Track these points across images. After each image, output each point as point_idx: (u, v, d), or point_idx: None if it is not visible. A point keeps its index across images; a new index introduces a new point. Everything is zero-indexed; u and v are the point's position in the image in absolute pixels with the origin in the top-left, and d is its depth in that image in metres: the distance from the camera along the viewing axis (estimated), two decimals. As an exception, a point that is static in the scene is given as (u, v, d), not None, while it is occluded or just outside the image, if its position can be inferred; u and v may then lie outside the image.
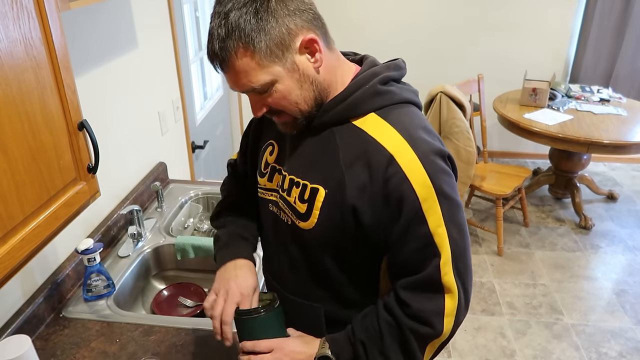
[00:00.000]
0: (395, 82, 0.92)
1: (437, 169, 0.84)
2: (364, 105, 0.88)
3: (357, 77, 0.90)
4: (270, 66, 0.82)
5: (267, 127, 1.07)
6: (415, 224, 0.84)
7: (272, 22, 0.79)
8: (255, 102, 0.88)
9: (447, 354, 2.42)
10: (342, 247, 0.92)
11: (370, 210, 0.85)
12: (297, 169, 0.94)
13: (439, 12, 3.88)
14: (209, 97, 2.81)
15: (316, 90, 0.87)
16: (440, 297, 0.87)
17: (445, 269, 0.85)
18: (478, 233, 3.36)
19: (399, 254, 0.88)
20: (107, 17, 1.58)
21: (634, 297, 2.78)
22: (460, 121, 2.75)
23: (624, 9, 3.69)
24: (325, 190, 0.88)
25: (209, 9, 2.72)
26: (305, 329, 1.02)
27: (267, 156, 1.03)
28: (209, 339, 1.25)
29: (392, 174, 0.82)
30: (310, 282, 1.00)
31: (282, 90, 0.84)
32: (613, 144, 2.93)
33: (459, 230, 0.87)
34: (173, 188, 2.01)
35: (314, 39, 0.83)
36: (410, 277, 0.87)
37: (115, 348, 1.24)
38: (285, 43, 0.81)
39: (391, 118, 0.87)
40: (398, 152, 0.83)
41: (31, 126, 0.82)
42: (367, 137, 0.86)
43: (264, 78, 0.82)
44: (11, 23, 0.76)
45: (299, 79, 0.84)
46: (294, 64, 0.83)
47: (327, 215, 0.89)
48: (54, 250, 1.40)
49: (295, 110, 0.88)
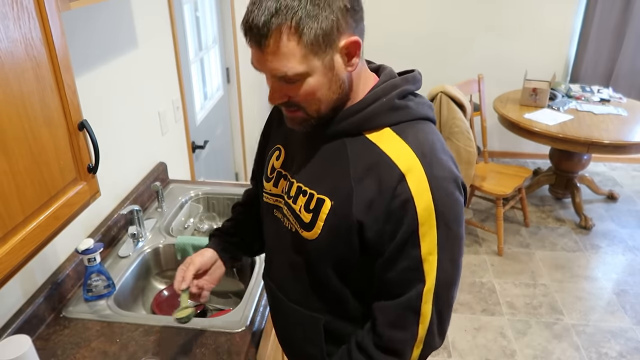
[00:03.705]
0: (413, 95, 0.90)
1: (444, 195, 0.81)
2: (380, 119, 0.86)
3: (375, 89, 0.87)
4: (311, 58, 0.78)
5: (275, 131, 1.06)
6: (408, 245, 0.82)
7: (328, 12, 0.75)
8: (277, 89, 0.83)
9: (447, 354, 2.42)
10: (343, 260, 0.90)
11: (375, 226, 0.83)
12: (306, 176, 0.92)
13: (440, 12, 3.88)
14: (209, 97, 2.81)
15: (341, 94, 0.84)
16: (414, 325, 0.85)
17: (427, 297, 0.83)
18: (478, 233, 3.35)
19: (386, 272, 0.86)
20: (107, 17, 1.58)
21: (634, 297, 2.78)
22: (461, 121, 2.75)
23: (624, 9, 3.69)
24: (332, 202, 0.86)
25: (209, 9, 2.72)
26: (305, 338, 1.02)
27: (273, 161, 1.02)
28: (209, 339, 1.25)
29: (399, 193, 0.80)
30: (310, 292, 0.98)
31: (312, 85, 0.81)
32: (613, 144, 2.93)
33: (451, 262, 0.84)
34: (173, 188, 2.01)
35: (358, 43, 0.80)
36: (390, 301, 0.86)
37: (116, 348, 1.24)
38: (331, 38, 0.77)
39: (407, 135, 0.84)
40: (410, 171, 0.81)
41: (31, 126, 0.82)
42: (380, 152, 0.84)
43: (300, 68, 0.78)
44: (11, 23, 0.76)
45: (331, 78, 0.81)
46: (331, 61, 0.80)
47: (331, 227, 0.87)
48: (54, 250, 1.40)
49: (313, 110, 0.85)
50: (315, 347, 1.01)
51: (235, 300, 1.67)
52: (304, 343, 1.04)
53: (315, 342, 1.00)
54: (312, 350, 1.02)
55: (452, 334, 2.54)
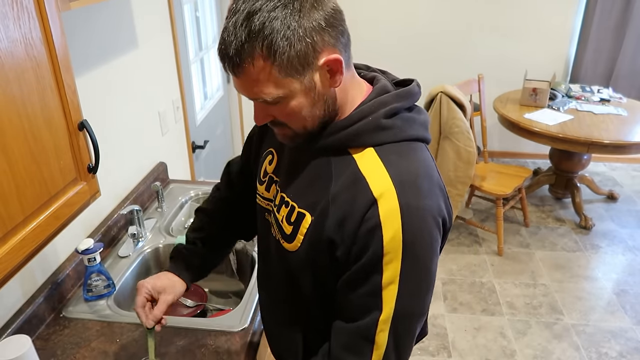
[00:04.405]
0: (406, 110, 0.86)
1: (416, 226, 0.78)
2: (363, 138, 0.82)
3: (363, 106, 0.83)
4: (288, 81, 0.76)
5: (269, 134, 1.04)
6: (371, 271, 0.79)
7: (300, 33, 0.73)
8: (260, 110, 0.83)
9: (447, 354, 2.42)
10: (319, 276, 0.89)
11: (343, 246, 0.81)
12: (289, 188, 0.91)
13: (440, 12, 3.88)
14: (209, 97, 2.82)
15: (327, 110, 0.82)
16: (368, 353, 0.82)
17: (382, 326, 0.80)
18: (478, 233, 3.36)
19: (347, 294, 0.84)
20: (107, 17, 1.58)
21: (634, 297, 2.78)
22: (461, 121, 2.75)
23: (624, 9, 3.69)
24: (312, 217, 0.85)
25: (209, 9, 2.72)
26: (286, 345, 1.03)
27: (266, 164, 1.01)
28: (209, 339, 1.25)
29: (369, 218, 0.78)
30: (290, 304, 0.98)
31: (293, 106, 0.79)
32: (613, 144, 2.93)
33: (412, 294, 0.81)
34: (173, 188, 2.01)
35: (338, 60, 0.77)
36: (346, 324, 0.84)
37: (116, 348, 1.24)
38: (308, 59, 0.75)
39: (389, 159, 0.81)
40: (382, 197, 0.77)
41: (31, 126, 0.82)
42: (359, 173, 0.81)
43: (278, 92, 0.77)
44: (11, 23, 0.76)
45: (313, 97, 0.79)
46: (311, 81, 0.77)
47: (310, 242, 0.85)
48: (54, 250, 1.40)
49: (300, 127, 0.83)
50: (292, 355, 1.02)
51: (235, 300, 1.67)
52: (285, 352, 1.05)
53: (295, 354, 1.01)
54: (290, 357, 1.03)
55: (452, 334, 2.54)
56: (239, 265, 1.65)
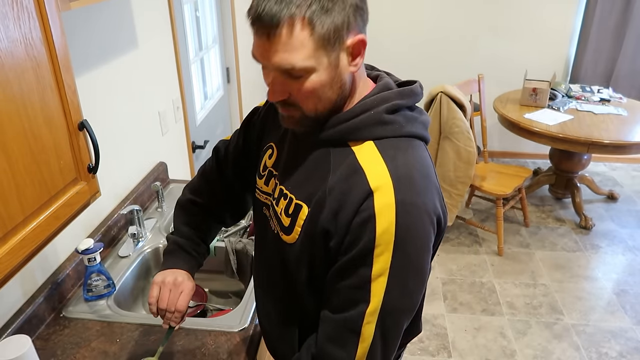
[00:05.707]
0: (408, 109, 0.86)
1: (410, 223, 0.78)
2: (364, 131, 0.83)
3: (365, 100, 0.84)
4: (320, 53, 0.75)
5: (270, 127, 1.04)
6: (361, 262, 0.79)
7: (341, 7, 0.73)
8: (279, 84, 0.80)
9: (447, 354, 2.42)
10: (316, 269, 0.89)
11: (337, 236, 0.81)
12: (288, 180, 0.91)
13: (440, 12, 3.88)
14: (209, 97, 2.81)
15: (339, 96, 0.82)
16: (353, 345, 0.82)
17: (369, 318, 0.80)
18: (478, 233, 3.36)
19: (336, 283, 0.84)
20: (107, 17, 1.58)
21: (634, 297, 2.78)
22: (461, 121, 2.75)
23: (624, 9, 3.69)
24: (309, 209, 0.85)
25: (209, 9, 2.72)
26: (281, 342, 1.03)
27: (266, 159, 1.01)
28: (209, 339, 1.25)
29: (364, 209, 0.78)
30: (287, 299, 0.98)
31: (314, 82, 0.78)
32: (613, 144, 2.93)
33: (402, 289, 0.81)
34: (173, 188, 2.01)
35: (364, 41, 0.78)
36: (333, 315, 0.84)
37: (116, 348, 1.24)
38: (341, 35, 0.75)
39: (388, 153, 0.81)
40: (379, 189, 0.77)
41: (31, 126, 0.82)
42: (357, 165, 0.81)
43: (308, 62, 0.75)
44: (11, 23, 0.76)
45: (334, 77, 0.79)
46: (337, 59, 0.77)
47: (307, 234, 0.86)
48: (54, 250, 1.40)
49: (312, 108, 0.82)
50: (287, 347, 1.01)
51: (235, 300, 1.67)
52: (281, 346, 1.05)
53: (291, 349, 1.00)
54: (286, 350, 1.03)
55: (452, 333, 2.54)
56: (239, 265, 1.65)
